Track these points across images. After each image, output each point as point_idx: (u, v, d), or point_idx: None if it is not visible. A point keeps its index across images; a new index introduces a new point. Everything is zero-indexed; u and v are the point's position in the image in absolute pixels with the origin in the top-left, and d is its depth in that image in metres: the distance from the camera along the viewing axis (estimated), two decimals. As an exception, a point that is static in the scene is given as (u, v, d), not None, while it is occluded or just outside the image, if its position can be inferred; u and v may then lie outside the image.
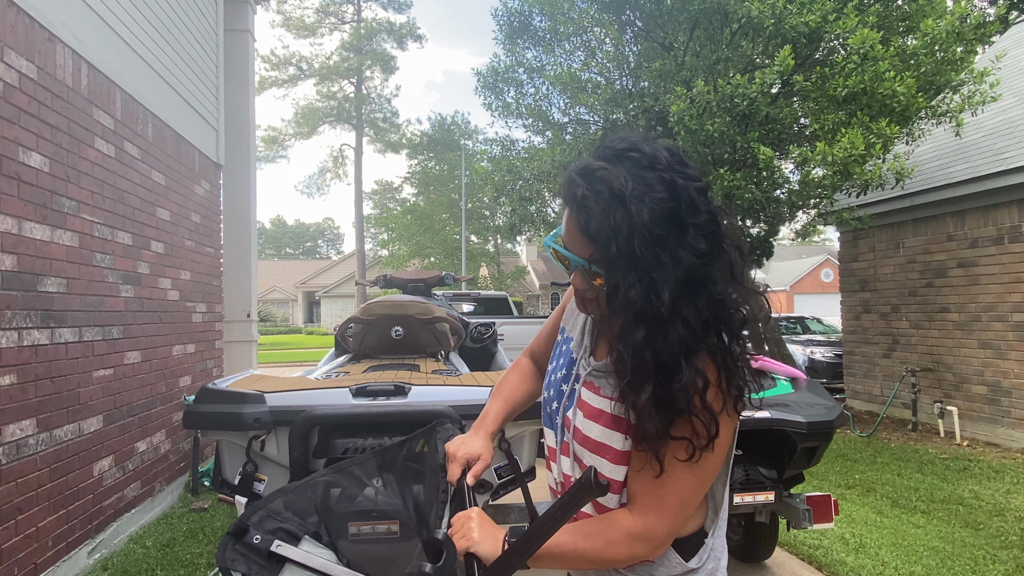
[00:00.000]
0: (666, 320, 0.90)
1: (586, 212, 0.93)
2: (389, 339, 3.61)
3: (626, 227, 0.89)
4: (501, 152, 10.80)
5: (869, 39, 5.74)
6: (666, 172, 0.92)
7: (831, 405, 2.81)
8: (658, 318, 0.90)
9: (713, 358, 0.94)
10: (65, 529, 3.25)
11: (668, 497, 0.97)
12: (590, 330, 1.15)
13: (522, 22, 9.47)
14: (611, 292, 0.93)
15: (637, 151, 0.95)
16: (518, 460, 2.31)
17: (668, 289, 0.89)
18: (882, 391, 8.05)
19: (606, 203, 0.91)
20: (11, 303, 2.87)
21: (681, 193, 0.92)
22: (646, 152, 0.94)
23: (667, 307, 0.89)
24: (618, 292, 0.91)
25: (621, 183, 0.91)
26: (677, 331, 0.91)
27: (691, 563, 1.06)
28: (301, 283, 42.84)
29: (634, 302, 0.90)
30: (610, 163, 0.94)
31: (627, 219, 0.89)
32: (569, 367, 1.15)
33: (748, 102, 6.27)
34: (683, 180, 0.93)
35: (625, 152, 0.95)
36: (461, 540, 0.98)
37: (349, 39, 30.40)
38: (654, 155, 0.94)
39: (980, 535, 3.92)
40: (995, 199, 6.47)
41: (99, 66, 3.75)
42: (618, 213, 0.90)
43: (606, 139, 1.00)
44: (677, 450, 0.94)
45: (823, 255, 35.45)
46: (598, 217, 0.91)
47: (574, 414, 1.09)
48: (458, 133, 30.53)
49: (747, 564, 3.50)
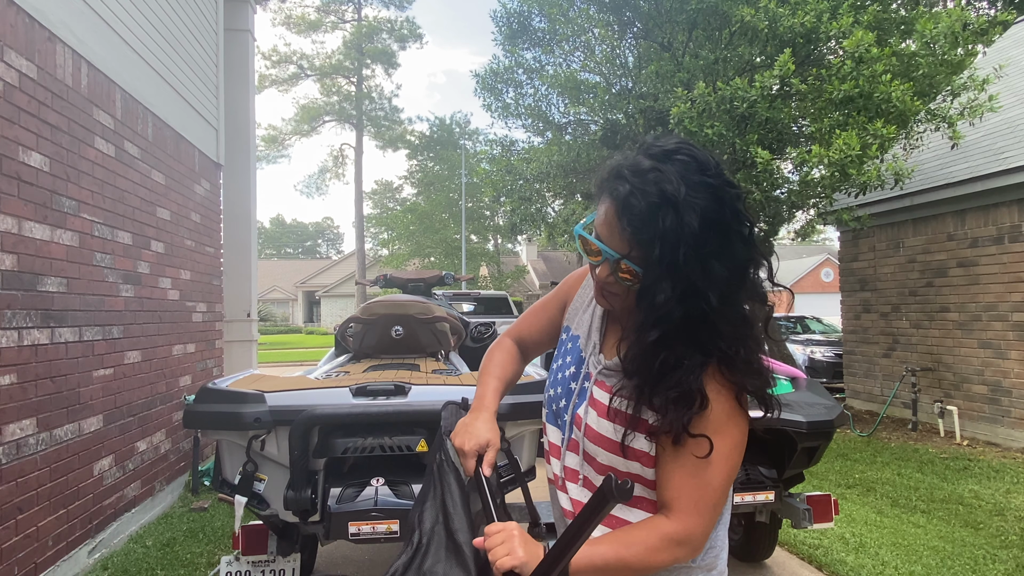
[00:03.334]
0: (713, 322, 0.92)
1: (631, 210, 0.91)
2: (389, 339, 3.61)
3: (673, 234, 0.89)
4: (501, 153, 10.80)
5: (864, 41, 5.73)
6: (715, 180, 0.92)
7: (831, 405, 2.81)
8: (702, 319, 0.92)
9: (734, 361, 0.96)
10: (65, 529, 3.25)
11: (704, 499, 0.97)
12: (598, 327, 1.15)
13: (521, 23, 9.47)
14: (646, 293, 0.93)
15: (687, 154, 0.94)
16: (518, 460, 2.31)
17: (715, 295, 0.90)
18: (882, 391, 8.05)
19: (655, 206, 0.89)
20: (11, 303, 2.86)
21: (728, 202, 0.92)
22: (697, 157, 0.94)
23: (713, 311, 0.91)
24: (654, 294, 0.92)
25: (673, 187, 0.89)
26: (722, 334, 0.93)
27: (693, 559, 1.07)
28: (301, 283, 42.84)
29: (672, 304, 0.91)
30: (660, 163, 0.93)
31: (676, 226, 0.88)
32: (578, 365, 1.14)
33: (747, 105, 6.27)
34: (730, 188, 0.93)
35: (675, 153, 0.94)
36: (506, 558, 0.93)
37: (350, 37, 30.41)
38: (705, 161, 0.93)
39: (980, 535, 3.92)
40: (995, 199, 6.47)
41: (99, 66, 3.75)
42: (668, 218, 0.89)
43: (653, 137, 0.99)
44: (699, 449, 0.95)
45: (823, 255, 35.43)
46: (645, 218, 0.90)
47: (585, 412, 1.09)
48: (459, 133, 30.54)
49: (747, 564, 3.50)
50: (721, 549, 1.11)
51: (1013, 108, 7.27)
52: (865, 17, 6.00)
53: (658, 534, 0.97)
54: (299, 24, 30.50)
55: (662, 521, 0.98)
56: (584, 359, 1.14)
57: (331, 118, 32.40)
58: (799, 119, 7.29)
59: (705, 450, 0.95)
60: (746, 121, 6.57)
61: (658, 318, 0.92)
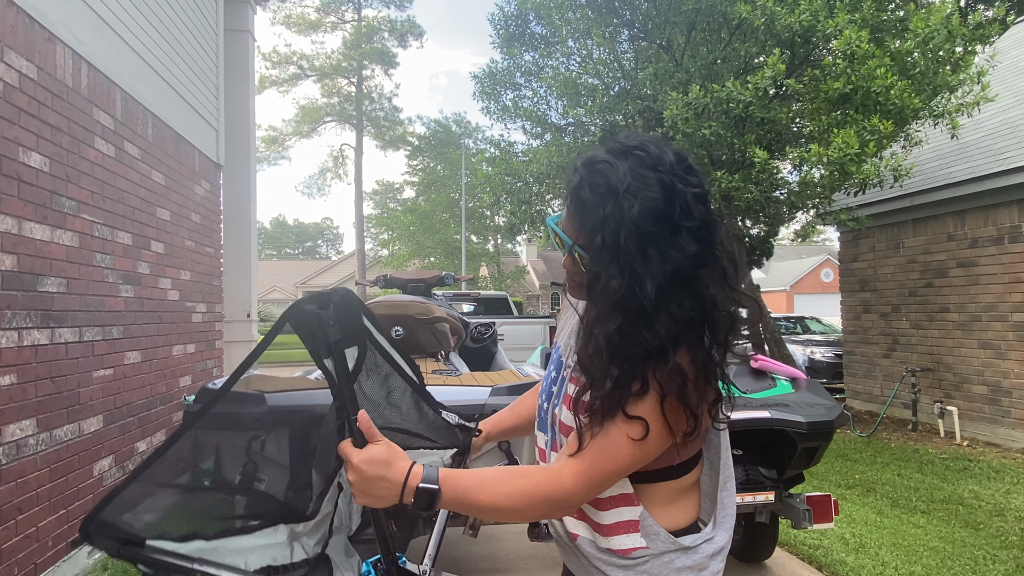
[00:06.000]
0: (649, 312, 0.93)
1: (579, 200, 0.98)
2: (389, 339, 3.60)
3: (614, 220, 0.93)
4: (501, 155, 10.81)
5: (855, 40, 5.72)
6: (666, 175, 0.95)
7: (831, 405, 2.81)
8: (640, 310, 0.93)
9: (692, 355, 0.96)
10: (65, 529, 3.25)
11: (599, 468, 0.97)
12: (575, 331, 1.17)
13: (518, 27, 9.47)
14: (592, 280, 0.98)
15: (643, 150, 0.98)
16: (518, 460, 2.31)
17: (653, 283, 0.92)
18: (882, 391, 8.05)
19: (600, 195, 0.95)
20: (11, 303, 2.86)
21: (677, 196, 0.95)
22: (652, 152, 0.97)
23: (651, 300, 0.92)
24: (599, 280, 0.96)
25: (618, 178, 0.95)
26: (660, 324, 0.93)
27: (684, 541, 1.05)
28: (301, 283, 42.83)
29: (613, 291, 0.94)
30: (615, 157, 0.98)
31: (617, 213, 0.93)
32: (559, 369, 1.18)
33: (743, 106, 6.27)
34: (682, 184, 0.96)
35: (632, 149, 0.98)
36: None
37: (350, 37, 30.42)
38: (659, 157, 0.97)
39: (980, 535, 3.92)
40: (995, 199, 6.47)
41: (99, 66, 3.75)
42: (609, 206, 0.94)
43: (619, 135, 1.04)
44: (632, 429, 0.95)
45: (823, 255, 35.44)
46: (590, 207, 0.96)
47: (560, 410, 1.11)
48: (459, 132, 30.54)
49: (747, 564, 3.50)
50: (717, 551, 1.09)
51: (1013, 108, 7.28)
52: (859, 15, 5.99)
53: (542, 492, 0.96)
54: (299, 24, 30.52)
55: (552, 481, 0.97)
56: (564, 364, 1.17)
57: (331, 118, 32.41)
58: (797, 119, 7.29)
59: (639, 434, 0.94)
60: (742, 122, 6.57)
61: (612, 305, 0.95)
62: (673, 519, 1.06)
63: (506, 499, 0.95)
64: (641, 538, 1.04)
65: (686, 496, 1.09)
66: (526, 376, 2.57)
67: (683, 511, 1.09)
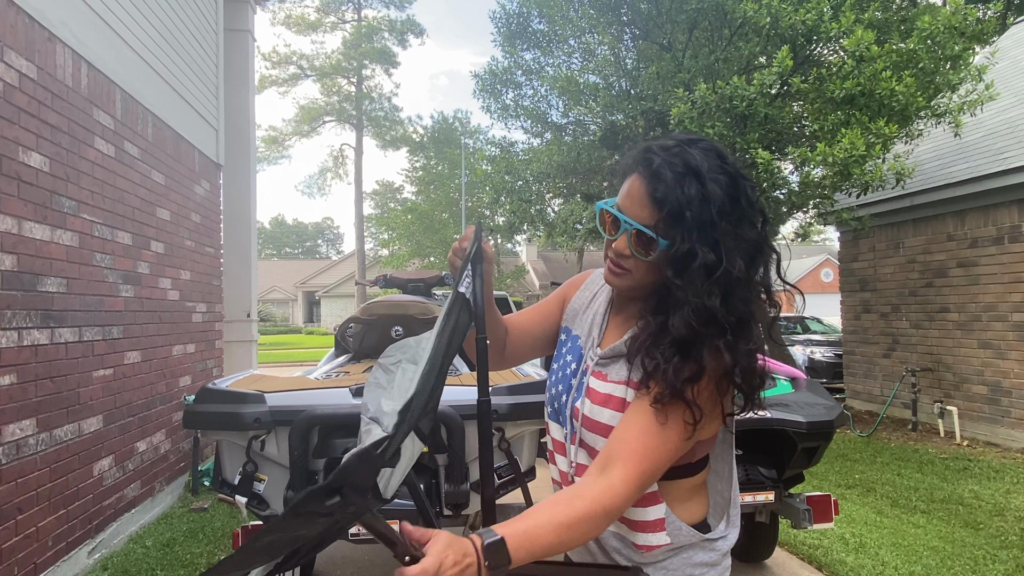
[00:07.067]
0: (741, 287, 0.96)
1: (660, 180, 0.98)
2: (389, 339, 3.60)
3: (699, 199, 0.95)
4: (501, 154, 10.80)
5: (864, 40, 5.73)
6: (730, 167, 1.00)
7: (831, 405, 2.81)
8: (735, 282, 0.96)
9: (730, 351, 0.97)
10: (65, 529, 3.25)
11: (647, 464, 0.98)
12: (599, 324, 1.18)
13: (520, 24, 9.47)
14: (686, 256, 0.96)
15: (707, 143, 1.03)
16: (518, 460, 2.31)
17: (743, 259, 0.96)
18: (882, 391, 8.05)
19: (681, 175, 0.97)
20: (11, 303, 2.86)
21: (741, 187, 0.99)
22: (715, 145, 1.03)
23: (743, 275, 0.96)
24: (695, 256, 0.95)
25: (697, 160, 0.98)
26: (741, 300, 0.97)
27: (709, 534, 1.10)
28: (301, 283, 42.83)
29: (711, 266, 0.95)
30: (686, 145, 1.01)
31: (701, 192, 0.95)
32: (579, 361, 1.17)
33: (747, 103, 6.27)
34: (745, 180, 1.01)
35: (695, 141, 1.02)
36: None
37: (350, 37, 30.41)
38: (722, 150, 1.03)
39: (980, 535, 3.92)
40: (995, 199, 6.47)
41: (99, 66, 3.75)
42: (693, 186, 0.96)
43: (669, 134, 1.08)
44: (688, 414, 0.97)
45: (823, 255, 35.43)
46: (671, 186, 0.97)
47: (583, 403, 1.11)
48: (460, 131, 30.51)
49: (747, 564, 3.50)
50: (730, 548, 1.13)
51: (1013, 108, 7.28)
52: (866, 15, 6.00)
53: (602, 508, 0.93)
54: (299, 24, 30.51)
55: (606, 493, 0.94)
56: (584, 355, 1.17)
57: (331, 118, 32.38)
58: (800, 118, 7.29)
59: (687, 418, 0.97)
60: (746, 120, 6.56)
61: (712, 280, 0.95)
62: (689, 516, 1.10)
63: (568, 530, 0.90)
64: (667, 536, 1.06)
65: (699, 494, 1.13)
66: (526, 376, 2.57)
67: (697, 508, 1.12)
